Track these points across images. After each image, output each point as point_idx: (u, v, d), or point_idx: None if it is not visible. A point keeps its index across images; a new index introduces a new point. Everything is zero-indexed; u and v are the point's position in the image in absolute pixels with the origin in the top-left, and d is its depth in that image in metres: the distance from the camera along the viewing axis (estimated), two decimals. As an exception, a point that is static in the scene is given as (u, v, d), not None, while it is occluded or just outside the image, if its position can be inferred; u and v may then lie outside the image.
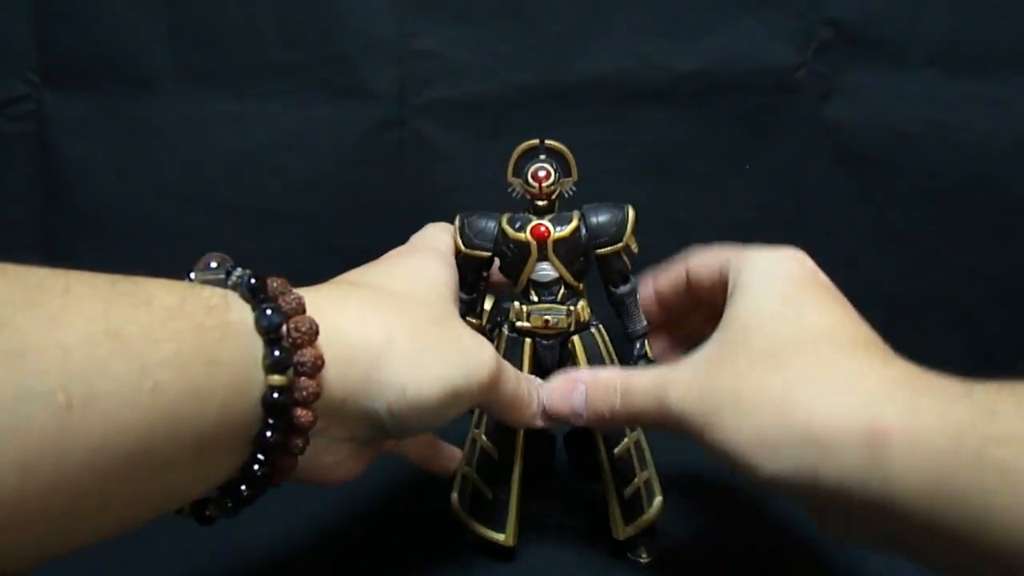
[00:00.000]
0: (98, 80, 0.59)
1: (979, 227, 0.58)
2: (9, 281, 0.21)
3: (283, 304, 0.26)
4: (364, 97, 0.59)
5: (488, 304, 0.42)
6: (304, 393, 0.26)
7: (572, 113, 0.59)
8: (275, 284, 0.27)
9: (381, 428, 0.29)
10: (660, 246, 0.41)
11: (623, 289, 0.40)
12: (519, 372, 0.36)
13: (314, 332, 0.26)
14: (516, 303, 0.39)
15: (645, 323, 0.40)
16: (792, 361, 0.29)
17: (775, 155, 0.38)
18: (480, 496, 0.39)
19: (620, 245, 0.38)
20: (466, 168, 0.60)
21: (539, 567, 0.39)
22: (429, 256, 0.37)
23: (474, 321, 0.41)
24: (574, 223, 0.37)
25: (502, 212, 0.39)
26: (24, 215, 0.60)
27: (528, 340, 0.38)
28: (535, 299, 0.38)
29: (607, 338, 0.40)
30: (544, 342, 0.39)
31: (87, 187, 0.60)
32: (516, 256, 0.38)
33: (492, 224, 0.39)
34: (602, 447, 0.38)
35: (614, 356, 0.40)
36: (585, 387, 0.35)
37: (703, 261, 0.37)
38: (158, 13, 0.58)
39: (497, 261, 0.39)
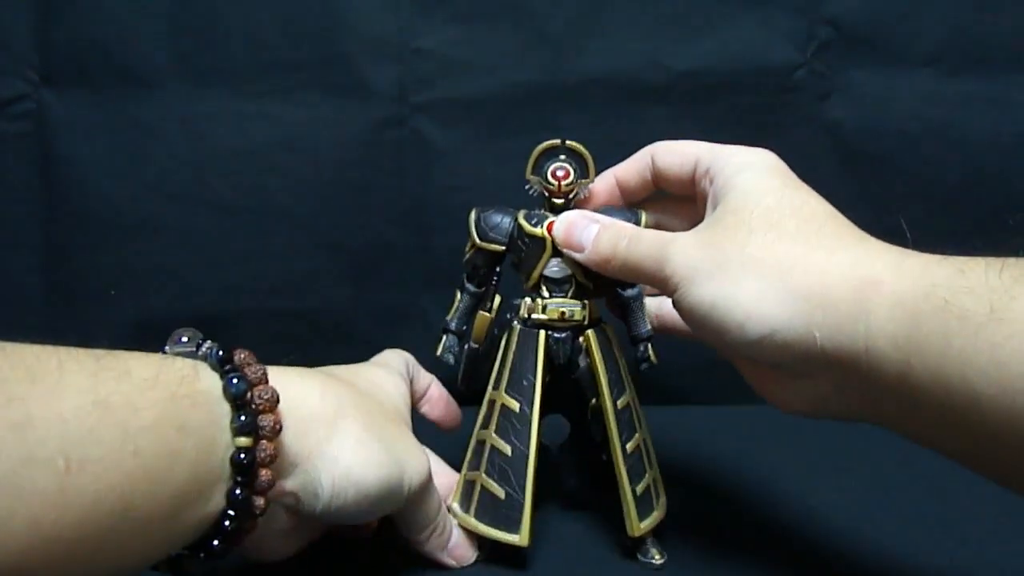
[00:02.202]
0: (98, 80, 0.58)
1: (979, 227, 0.58)
2: (10, 358, 0.23)
3: (248, 374, 0.29)
4: (364, 97, 0.59)
5: (496, 301, 0.42)
6: (264, 454, 0.28)
7: (572, 113, 0.59)
8: (241, 356, 0.30)
9: (317, 505, 0.31)
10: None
11: (630, 292, 0.40)
12: (445, 507, 0.39)
13: (275, 400, 0.29)
14: (527, 299, 0.39)
15: (649, 327, 0.40)
16: (792, 230, 0.31)
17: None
18: (490, 498, 0.38)
19: None
20: (466, 168, 0.60)
21: (550, 568, 0.39)
22: (388, 371, 0.41)
23: (486, 314, 0.41)
24: None
25: (512, 208, 0.40)
26: (24, 215, 0.60)
27: (542, 333, 0.39)
28: (546, 295, 0.39)
29: (615, 336, 0.40)
30: (557, 335, 0.39)
31: (87, 187, 0.60)
32: (530, 251, 0.39)
33: (508, 219, 0.39)
34: (616, 443, 0.38)
35: (622, 355, 0.40)
36: (599, 227, 0.37)
37: (673, 153, 0.39)
38: (158, 12, 0.58)
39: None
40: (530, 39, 0.58)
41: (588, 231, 0.37)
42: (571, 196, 0.39)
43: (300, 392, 0.32)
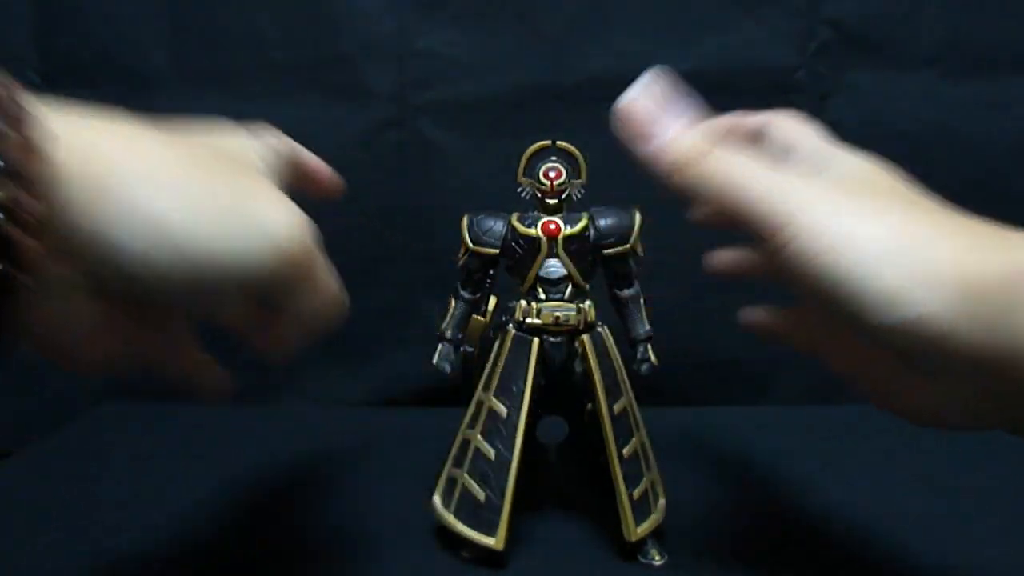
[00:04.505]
0: (98, 80, 0.59)
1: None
2: None
3: (2, 97, 0.21)
4: (364, 97, 0.59)
5: (491, 305, 0.42)
6: (27, 214, 0.21)
7: (572, 113, 0.58)
8: None
9: (119, 277, 0.23)
10: (660, 247, 0.41)
11: (627, 292, 0.40)
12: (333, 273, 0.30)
13: (42, 136, 0.21)
14: (523, 302, 0.39)
15: (648, 327, 0.40)
16: (931, 209, 0.29)
17: (775, 155, 0.40)
18: (470, 499, 0.38)
19: (627, 247, 0.38)
20: (466, 168, 0.60)
21: (549, 568, 0.38)
22: (229, 131, 0.31)
23: (480, 318, 0.41)
24: (583, 222, 0.38)
25: (504, 212, 0.40)
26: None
27: (535, 340, 0.38)
28: (543, 296, 0.39)
29: (612, 340, 0.40)
30: (552, 339, 0.39)
31: (87, 187, 0.60)
32: (526, 253, 0.39)
33: (501, 223, 0.39)
34: (613, 448, 0.38)
35: (619, 359, 0.40)
36: (685, 120, 0.32)
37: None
38: (158, 13, 0.58)
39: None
40: (530, 40, 0.58)
41: (669, 119, 0.31)
42: (564, 196, 0.39)
43: (92, 134, 0.23)
